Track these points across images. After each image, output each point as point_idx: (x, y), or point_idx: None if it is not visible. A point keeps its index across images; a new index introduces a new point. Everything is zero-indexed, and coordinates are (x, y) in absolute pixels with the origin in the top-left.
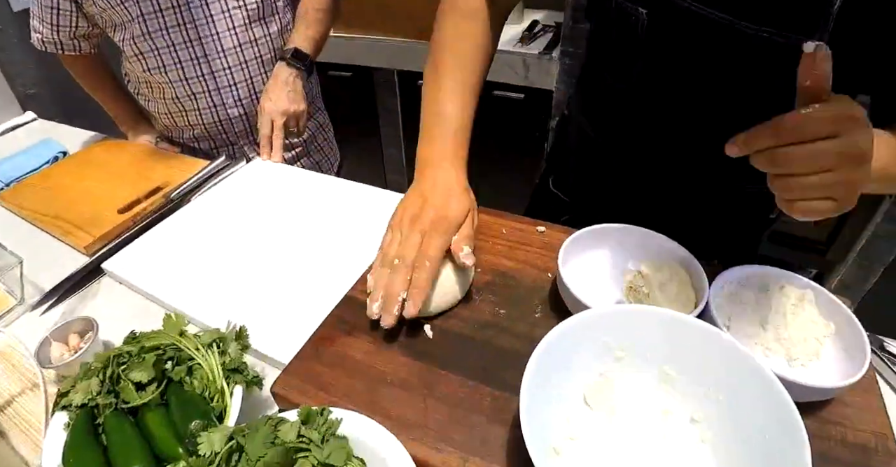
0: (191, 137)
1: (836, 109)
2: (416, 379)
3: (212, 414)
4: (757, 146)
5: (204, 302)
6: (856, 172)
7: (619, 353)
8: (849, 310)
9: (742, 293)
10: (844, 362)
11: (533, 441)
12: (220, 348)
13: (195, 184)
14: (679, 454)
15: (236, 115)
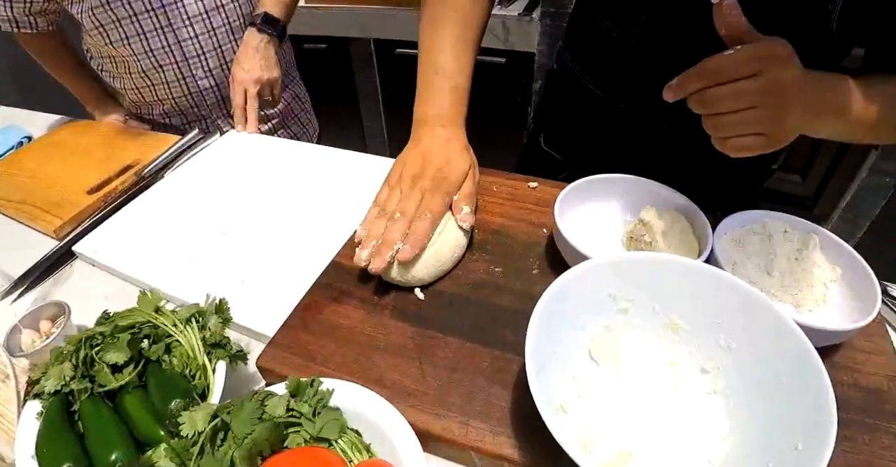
0: (161, 113)
1: (756, 49)
2: (410, 344)
3: (194, 392)
4: (689, 89)
5: (182, 278)
6: (780, 108)
7: (623, 304)
8: (855, 252)
9: (745, 239)
10: (853, 306)
11: (541, 399)
12: (199, 323)
13: (168, 160)
14: (690, 406)
15: (207, 86)
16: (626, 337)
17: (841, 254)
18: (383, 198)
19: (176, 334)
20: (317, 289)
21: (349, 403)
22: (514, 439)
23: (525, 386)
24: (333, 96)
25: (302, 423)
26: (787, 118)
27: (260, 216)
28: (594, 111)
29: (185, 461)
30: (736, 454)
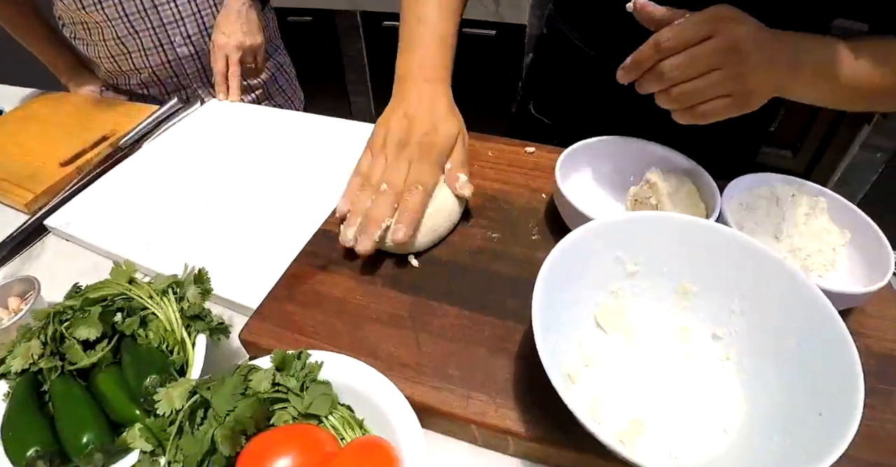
0: (138, 83)
1: (704, 13)
2: (405, 314)
3: (172, 368)
4: (644, 65)
5: (162, 251)
6: (740, 65)
7: (631, 268)
8: (865, 216)
9: (753, 203)
10: (862, 271)
11: (551, 366)
12: (177, 294)
13: (145, 130)
14: (702, 374)
15: (186, 54)
16: (633, 303)
17: (850, 218)
18: (366, 167)
19: (151, 306)
20: (304, 257)
21: (340, 376)
22: (519, 411)
23: (529, 355)
24: (319, 69)
25: (289, 399)
26: (749, 76)
27: (243, 186)
28: (585, 72)
29: (163, 441)
30: (752, 422)
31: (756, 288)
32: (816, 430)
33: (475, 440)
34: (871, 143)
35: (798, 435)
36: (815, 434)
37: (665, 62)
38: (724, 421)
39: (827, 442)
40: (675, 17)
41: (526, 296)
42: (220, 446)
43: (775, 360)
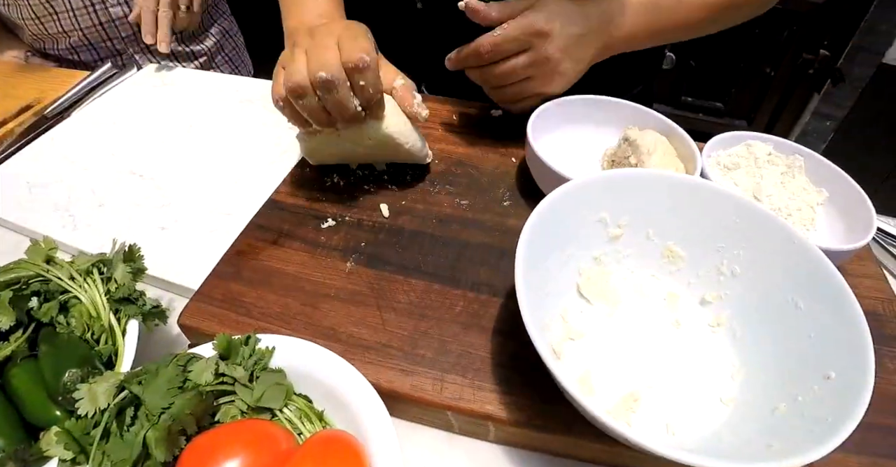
0: (67, 48)
1: (520, 28)
2: (366, 289)
3: (97, 360)
4: (467, 64)
5: (91, 228)
6: (550, 74)
7: (615, 230)
8: (844, 172)
9: (732, 163)
10: (841, 229)
11: (539, 339)
12: (103, 275)
13: (75, 98)
14: (694, 342)
15: (120, 14)
16: (617, 269)
17: (827, 176)
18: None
19: (73, 289)
20: (252, 231)
21: (295, 363)
22: (499, 393)
23: (507, 330)
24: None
25: (236, 391)
26: (556, 78)
27: (184, 156)
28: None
29: (85, 447)
30: (751, 391)
31: (748, 247)
32: (826, 395)
33: (451, 427)
34: (821, 112)
35: (806, 402)
36: (826, 399)
37: (486, 71)
38: (720, 392)
39: (840, 407)
40: (501, 18)
41: (499, 265)
42: (153, 450)
43: (771, 323)
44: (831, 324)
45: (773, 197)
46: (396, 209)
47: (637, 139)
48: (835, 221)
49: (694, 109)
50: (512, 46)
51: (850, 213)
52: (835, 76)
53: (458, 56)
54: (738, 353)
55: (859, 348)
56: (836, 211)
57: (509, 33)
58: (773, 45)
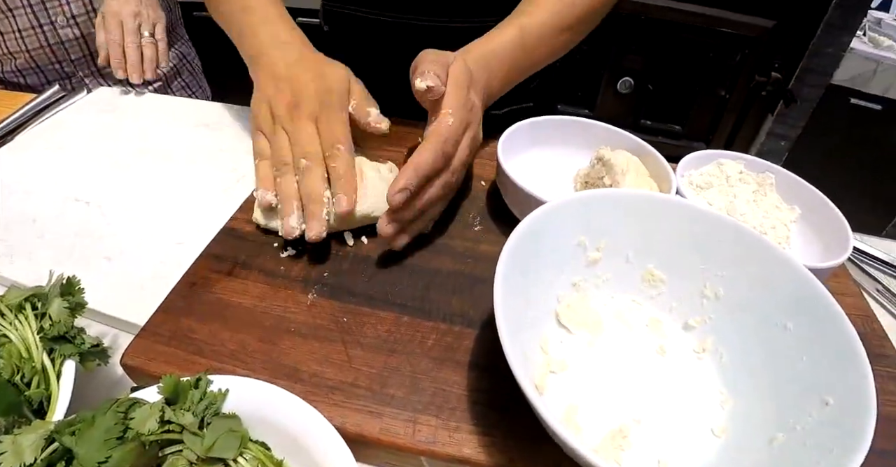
0: (12, 70)
1: (463, 115)
2: (330, 323)
3: (25, 407)
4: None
5: (28, 259)
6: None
7: (593, 254)
8: (816, 189)
9: (705, 182)
10: (816, 246)
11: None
12: (37, 310)
13: (19, 121)
14: (681, 370)
15: (70, 37)
16: (597, 295)
17: (799, 193)
18: (266, 148)
19: (2, 327)
20: (205, 261)
21: (251, 406)
22: (478, 435)
23: (484, 364)
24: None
25: (184, 440)
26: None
27: (133, 182)
28: (382, 38)
29: None
30: (744, 420)
31: (731, 267)
32: (826, 422)
33: None
34: (775, 132)
35: (806, 431)
36: (826, 426)
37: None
38: (710, 422)
39: (844, 435)
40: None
41: (472, 295)
42: None
43: (759, 347)
44: (823, 347)
45: (747, 215)
46: (361, 236)
47: (610, 159)
48: (809, 238)
49: (653, 132)
50: (459, 135)
51: (823, 230)
52: (787, 97)
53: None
54: (725, 380)
55: (856, 370)
56: (809, 228)
57: (456, 125)
58: (727, 69)
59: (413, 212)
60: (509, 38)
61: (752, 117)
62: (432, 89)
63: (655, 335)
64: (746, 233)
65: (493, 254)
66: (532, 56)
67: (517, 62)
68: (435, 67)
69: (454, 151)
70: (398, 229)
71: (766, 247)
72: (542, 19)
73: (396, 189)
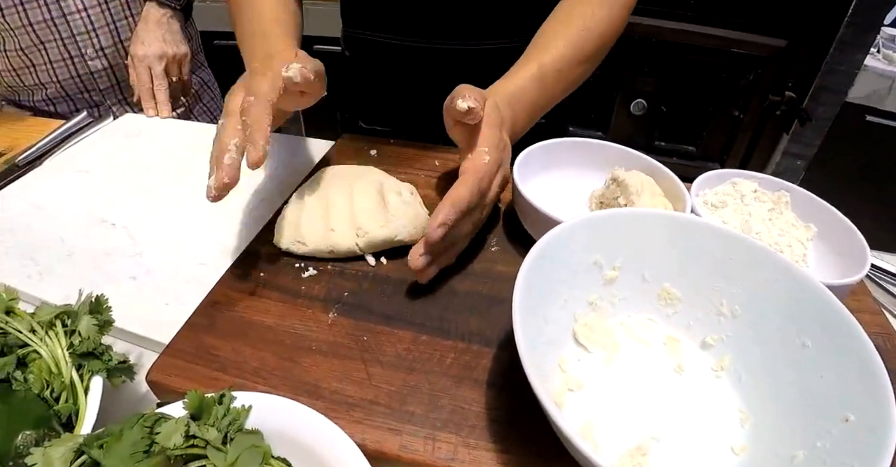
0: (44, 99)
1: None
2: (350, 342)
3: (55, 421)
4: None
5: (57, 278)
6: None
7: (610, 273)
8: (832, 207)
9: (719, 201)
10: (833, 264)
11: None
12: (67, 327)
13: (49, 146)
14: (699, 388)
15: (99, 68)
16: (614, 313)
17: (815, 211)
18: None
19: (33, 342)
20: (227, 281)
21: (273, 423)
22: (496, 452)
23: (502, 382)
24: None
25: (208, 455)
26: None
27: (159, 204)
28: (400, 62)
29: None
30: (763, 437)
31: (747, 285)
32: (847, 439)
33: None
34: (791, 152)
35: (826, 448)
36: (847, 443)
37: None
38: (730, 440)
39: (866, 452)
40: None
41: (490, 314)
42: None
43: (778, 364)
44: (843, 362)
45: (763, 233)
46: (381, 257)
47: (625, 179)
48: (826, 256)
49: (667, 153)
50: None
51: (840, 247)
52: (801, 116)
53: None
54: (744, 398)
55: (876, 386)
56: (826, 246)
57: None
58: (740, 89)
59: (445, 246)
60: (529, 76)
61: (767, 137)
62: (473, 110)
63: (673, 353)
64: (762, 251)
65: (510, 275)
66: (551, 93)
67: (538, 101)
68: (475, 94)
69: (488, 189)
70: (430, 262)
71: (782, 264)
72: (560, 54)
73: (437, 224)
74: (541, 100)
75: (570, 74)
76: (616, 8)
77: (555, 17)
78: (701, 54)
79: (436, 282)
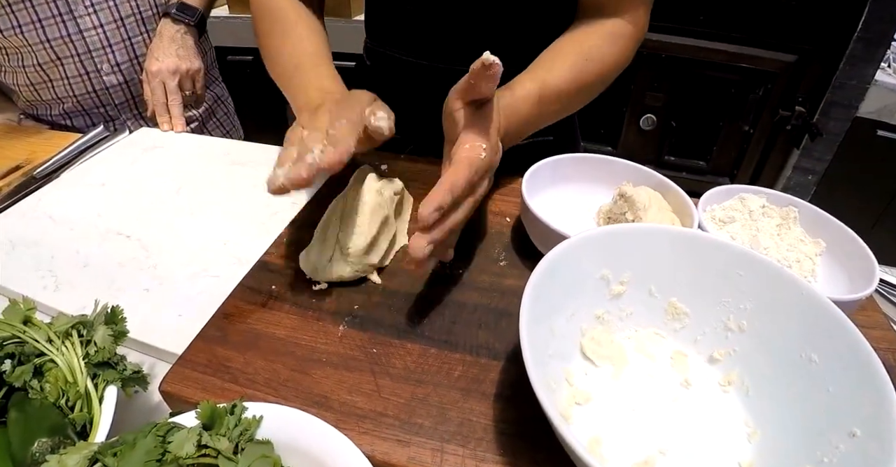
0: (61, 113)
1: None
2: (360, 354)
3: (70, 428)
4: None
5: (72, 289)
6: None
7: (617, 288)
8: (840, 223)
9: (727, 216)
10: (842, 279)
11: (549, 404)
12: (83, 337)
13: (65, 159)
14: (706, 403)
15: (115, 83)
16: (621, 328)
17: (823, 226)
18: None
19: (49, 352)
20: (240, 293)
21: (284, 433)
22: (503, 464)
23: (510, 395)
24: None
25: (220, 464)
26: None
27: (172, 217)
28: (416, 80)
29: None
30: (771, 453)
31: (754, 300)
32: (854, 454)
33: None
34: (802, 166)
35: (833, 464)
36: (853, 458)
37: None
38: (737, 455)
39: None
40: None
41: (498, 328)
42: None
43: (786, 379)
44: (850, 378)
45: (771, 249)
46: (390, 270)
47: (632, 195)
48: (835, 272)
49: (677, 168)
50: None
51: (849, 263)
52: (812, 131)
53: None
54: (751, 413)
55: (883, 401)
56: (835, 261)
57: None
58: (750, 104)
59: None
60: (528, 92)
61: (778, 152)
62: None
63: (680, 368)
64: (767, 266)
65: (517, 288)
66: (545, 112)
67: (531, 117)
68: None
69: (478, 184)
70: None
71: (787, 278)
72: (562, 77)
73: (433, 207)
74: (537, 116)
75: (567, 99)
76: (620, 46)
77: (561, 43)
78: (710, 69)
79: (444, 295)
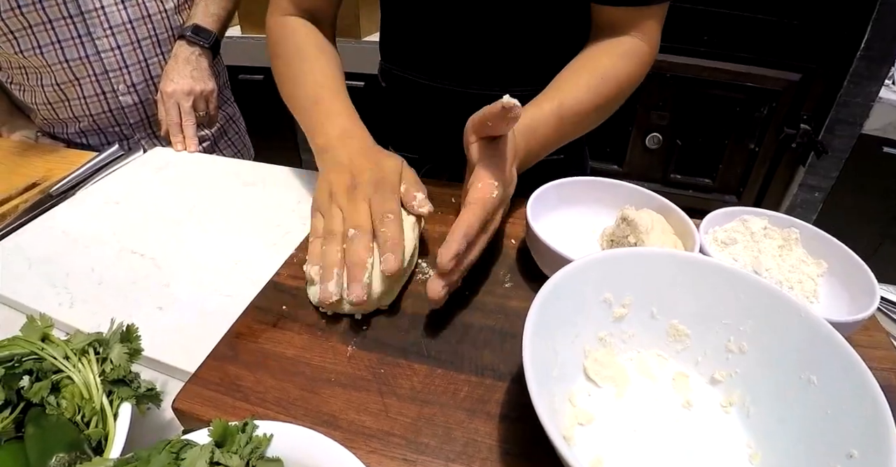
0: (77, 132)
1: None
2: (368, 374)
3: (86, 444)
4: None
5: (87, 306)
6: None
7: (619, 310)
8: (842, 244)
9: (729, 238)
10: (844, 300)
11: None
12: (99, 354)
13: (81, 177)
14: (707, 424)
15: (130, 103)
16: (623, 349)
17: (824, 247)
18: (321, 226)
19: (66, 369)
20: (251, 312)
21: (294, 451)
22: None
23: (515, 416)
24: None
25: None
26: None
27: (185, 236)
28: (430, 101)
29: None
30: None
31: (755, 323)
32: None
33: None
34: (808, 184)
35: None
36: None
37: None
38: None
39: None
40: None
41: (503, 348)
42: None
43: (786, 401)
44: (848, 399)
45: (773, 270)
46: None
47: (635, 218)
48: (837, 292)
49: (683, 187)
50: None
51: (851, 284)
52: (817, 149)
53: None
54: (753, 434)
55: (879, 423)
56: (836, 282)
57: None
58: (755, 122)
59: (457, 275)
60: (549, 112)
61: (784, 169)
62: (514, 107)
63: (681, 389)
64: (766, 288)
65: (522, 310)
66: (565, 132)
67: (552, 137)
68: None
69: (491, 221)
70: (448, 292)
71: (786, 301)
72: (581, 96)
73: (451, 255)
74: (555, 137)
75: (586, 117)
76: (635, 64)
77: (577, 63)
78: (715, 88)
79: (450, 317)
